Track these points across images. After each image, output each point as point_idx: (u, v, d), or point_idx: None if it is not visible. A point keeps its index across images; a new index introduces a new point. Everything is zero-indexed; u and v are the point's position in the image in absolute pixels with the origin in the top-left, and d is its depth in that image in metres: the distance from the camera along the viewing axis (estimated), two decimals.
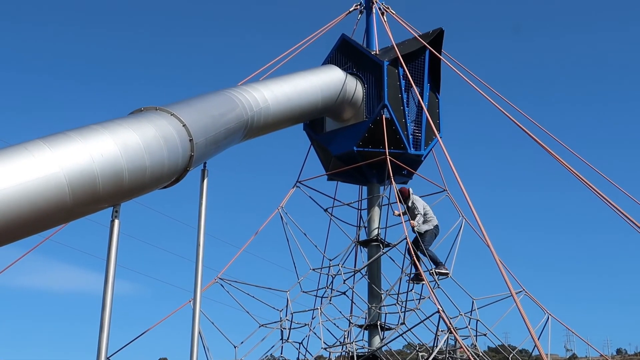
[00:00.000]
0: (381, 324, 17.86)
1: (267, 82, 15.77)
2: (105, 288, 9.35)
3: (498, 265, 13.72)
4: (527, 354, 25.71)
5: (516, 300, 12.96)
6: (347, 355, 17.11)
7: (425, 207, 18.14)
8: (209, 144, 11.73)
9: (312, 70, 17.94)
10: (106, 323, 9.24)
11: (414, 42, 19.52)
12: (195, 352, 11.10)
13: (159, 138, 10.16)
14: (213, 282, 17.83)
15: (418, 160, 19.14)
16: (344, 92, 18.13)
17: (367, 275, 18.30)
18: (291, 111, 16.02)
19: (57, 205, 8.47)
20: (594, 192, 16.70)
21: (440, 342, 14.93)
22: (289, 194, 19.27)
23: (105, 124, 9.64)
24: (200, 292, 11.45)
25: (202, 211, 11.70)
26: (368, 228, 18.85)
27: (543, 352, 13.09)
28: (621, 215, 16.02)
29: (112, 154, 9.24)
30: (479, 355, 17.22)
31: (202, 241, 11.56)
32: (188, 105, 11.81)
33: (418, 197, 18.35)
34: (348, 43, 19.41)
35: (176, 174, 10.80)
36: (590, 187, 16.74)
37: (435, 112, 19.83)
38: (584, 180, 16.89)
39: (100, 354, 9.14)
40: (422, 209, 17.97)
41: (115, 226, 9.60)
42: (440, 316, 14.61)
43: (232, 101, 13.39)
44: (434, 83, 19.92)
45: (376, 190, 19.07)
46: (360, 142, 18.41)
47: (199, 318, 11.29)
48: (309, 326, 17.89)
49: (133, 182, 9.58)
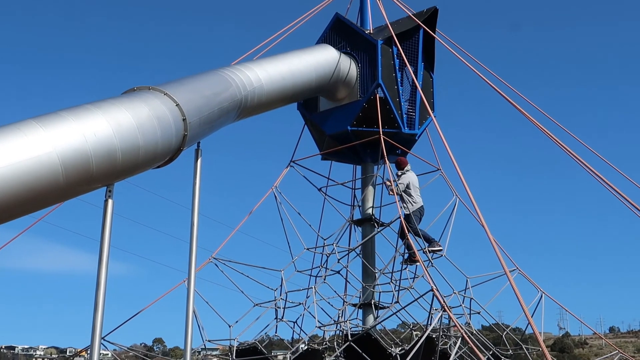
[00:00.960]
0: (375, 303, 17.92)
1: (261, 62, 15.71)
2: (100, 269, 9.33)
3: (492, 243, 13.74)
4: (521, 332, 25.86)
5: (510, 279, 12.99)
6: (341, 333, 17.17)
7: (411, 186, 17.83)
8: (202, 123, 11.69)
9: (306, 50, 17.87)
10: (100, 304, 9.23)
11: (408, 21, 19.44)
12: (190, 331, 11.11)
13: (152, 118, 10.11)
14: (207, 262, 17.84)
15: (412, 140, 19.13)
16: (338, 71, 18.07)
17: (362, 255, 18.33)
18: (285, 90, 15.97)
19: (50, 185, 8.44)
20: (589, 172, 16.73)
21: (434, 321, 14.97)
22: (283, 174, 19.26)
23: (98, 104, 9.59)
24: (195, 272, 11.44)
25: (195, 191, 11.67)
26: (362, 207, 18.86)
27: (536, 330, 13.16)
28: (616, 195, 16.06)
29: (105, 133, 9.19)
30: (472, 333, 17.30)
31: (196, 221, 11.55)
32: (181, 85, 11.76)
33: (410, 175, 18.08)
34: (342, 22, 19.32)
35: (169, 153, 10.77)
36: (585, 167, 16.77)
37: (430, 91, 19.80)
38: (579, 159, 16.92)
39: (94, 334, 9.14)
40: (403, 186, 17.73)
41: (109, 206, 9.56)
42: (434, 295, 14.64)
43: (226, 81, 13.34)
44: (428, 62, 19.86)
45: (370, 169, 19.06)
46: (354, 121, 18.39)
47: (193, 298, 11.30)
48: (304, 305, 17.95)
49: (126, 162, 9.55)
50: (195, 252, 11.51)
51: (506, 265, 13.67)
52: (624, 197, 15.91)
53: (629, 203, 15.83)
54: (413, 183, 17.86)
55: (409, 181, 17.79)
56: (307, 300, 17.88)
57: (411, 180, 17.86)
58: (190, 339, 11.11)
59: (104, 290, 9.31)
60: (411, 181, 17.84)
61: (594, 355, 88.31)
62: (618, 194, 16.02)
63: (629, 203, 15.83)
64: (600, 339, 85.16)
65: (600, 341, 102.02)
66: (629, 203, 15.83)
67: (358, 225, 19.03)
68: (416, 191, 17.85)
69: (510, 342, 19.33)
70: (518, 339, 19.64)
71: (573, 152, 17.06)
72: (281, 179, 19.15)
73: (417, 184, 18.00)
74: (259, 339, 18.03)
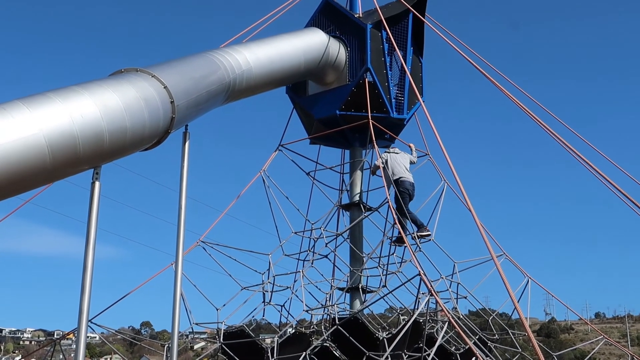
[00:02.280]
0: (362, 287, 17.97)
1: (250, 45, 15.64)
2: (87, 251, 9.29)
3: (479, 228, 13.78)
4: (507, 317, 25.99)
5: (496, 263, 13.04)
6: (328, 317, 17.21)
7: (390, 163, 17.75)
8: (190, 106, 11.64)
9: (295, 33, 17.80)
10: (87, 286, 9.20)
11: (397, 5, 19.38)
12: (178, 315, 11.11)
13: (139, 99, 10.06)
14: (195, 245, 17.82)
15: (400, 124, 19.13)
16: (327, 55, 18.02)
17: (349, 239, 18.36)
18: (273, 74, 15.93)
19: (36, 167, 8.39)
20: (576, 158, 16.77)
21: (421, 305, 15.02)
22: (271, 158, 19.23)
23: (85, 85, 9.52)
24: (182, 255, 11.43)
25: (183, 174, 11.64)
26: (350, 192, 18.88)
27: (522, 315, 13.22)
28: (603, 181, 16.11)
29: (92, 115, 9.13)
30: (459, 318, 17.37)
31: (184, 204, 11.52)
32: (169, 67, 11.70)
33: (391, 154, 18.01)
34: (331, 6, 19.25)
35: (157, 136, 10.72)
36: (572, 152, 16.80)
37: (418, 76, 19.78)
38: (566, 144, 16.96)
39: (81, 317, 9.11)
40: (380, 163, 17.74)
41: (96, 188, 9.52)
42: (421, 279, 14.67)
43: (214, 63, 13.28)
44: (417, 47, 19.83)
45: (358, 154, 19.06)
46: (343, 105, 18.37)
47: (180, 281, 11.29)
48: (291, 289, 17.99)
49: (114, 144, 9.50)
50: (183, 236, 11.50)
51: (493, 250, 13.70)
52: (610, 183, 15.97)
53: (615, 189, 15.89)
54: (394, 159, 17.81)
55: (386, 158, 17.79)
56: (294, 284, 17.93)
57: (390, 157, 17.85)
58: (177, 322, 11.11)
59: (91, 272, 9.27)
60: (390, 158, 17.83)
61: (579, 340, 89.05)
62: (605, 179, 16.07)
63: (616, 189, 15.89)
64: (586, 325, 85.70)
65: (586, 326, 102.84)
66: (615, 189, 15.89)
67: (346, 209, 19.05)
68: (400, 167, 17.75)
69: (496, 327, 19.43)
70: (504, 324, 19.75)
71: (560, 137, 17.10)
72: (269, 162, 19.14)
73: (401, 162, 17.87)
74: (247, 322, 18.05)
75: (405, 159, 18.04)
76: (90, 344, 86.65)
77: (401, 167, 17.80)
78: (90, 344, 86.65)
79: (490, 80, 17.57)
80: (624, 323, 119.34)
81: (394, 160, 17.85)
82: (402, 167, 17.80)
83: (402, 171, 17.74)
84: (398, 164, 17.84)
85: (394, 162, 17.83)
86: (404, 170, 17.78)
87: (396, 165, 17.79)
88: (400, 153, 18.17)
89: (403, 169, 17.78)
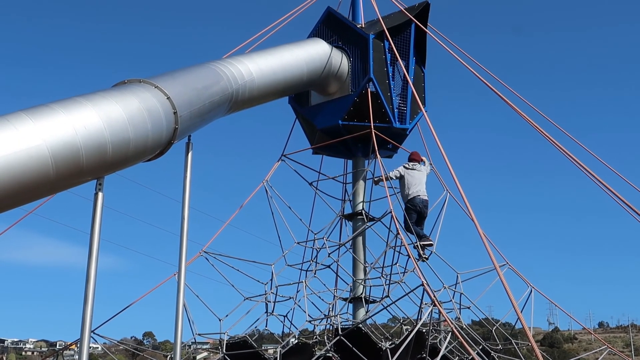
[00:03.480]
0: (365, 297, 17.93)
1: (252, 55, 15.67)
2: (89, 262, 9.31)
3: (482, 238, 13.76)
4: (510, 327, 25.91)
5: (499, 273, 13.01)
6: (331, 328, 17.18)
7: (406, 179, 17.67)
8: (193, 116, 11.66)
9: (298, 44, 17.84)
10: (90, 297, 9.21)
11: (399, 15, 19.43)
12: (180, 325, 11.11)
13: (142, 110, 10.08)
14: (198, 256, 17.81)
15: (403, 134, 19.13)
16: (330, 65, 18.05)
17: (352, 249, 18.33)
18: (276, 84, 15.95)
19: (40, 178, 8.41)
20: (579, 168, 16.73)
21: (424, 315, 14.99)
22: (274, 168, 19.24)
23: (88, 96, 9.55)
24: (185, 265, 11.43)
25: (186, 184, 11.66)
26: (353, 202, 18.86)
27: (526, 325, 13.20)
28: (606, 191, 16.09)
29: (95, 126, 9.16)
30: (462, 328, 17.33)
31: (187, 214, 11.54)
32: (172, 78, 11.72)
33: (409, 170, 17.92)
34: (333, 16, 19.30)
35: (160, 146, 10.74)
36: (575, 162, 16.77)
37: (421, 86, 19.79)
38: (570, 156, 16.94)
39: (84, 328, 9.12)
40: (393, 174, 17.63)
41: (99, 199, 9.54)
42: (424, 289, 14.66)
43: (217, 74, 13.31)
44: (419, 57, 19.86)
45: (361, 164, 19.06)
46: (346, 115, 18.38)
47: (183, 291, 11.29)
48: (294, 299, 17.95)
49: (117, 155, 9.52)
50: (186, 246, 11.51)
51: (496, 260, 13.67)
52: (613, 193, 15.95)
53: (618, 199, 15.87)
54: (412, 176, 17.73)
55: (403, 174, 17.69)
56: (297, 294, 17.89)
57: (408, 173, 17.75)
58: (180, 332, 11.11)
59: (94, 283, 9.29)
60: (407, 174, 17.74)
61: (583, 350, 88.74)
62: (608, 189, 16.05)
63: (619, 199, 15.87)
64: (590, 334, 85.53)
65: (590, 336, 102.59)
66: (618, 199, 15.87)
67: (349, 219, 19.03)
68: (416, 185, 17.64)
69: (499, 337, 19.38)
70: (508, 333, 19.69)
71: (563, 147, 17.10)
72: (272, 173, 19.14)
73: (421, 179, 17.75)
74: (249, 333, 18.01)
75: (424, 175, 17.86)
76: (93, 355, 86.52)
77: (419, 184, 17.58)
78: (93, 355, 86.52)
79: (493, 90, 17.57)
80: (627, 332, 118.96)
81: (412, 177, 17.65)
82: (418, 185, 17.57)
83: (418, 189, 17.56)
84: (416, 181, 17.63)
85: (412, 178, 17.63)
86: (420, 187, 17.61)
87: (413, 183, 17.59)
88: (422, 170, 17.90)
89: (419, 187, 17.58)
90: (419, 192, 17.55)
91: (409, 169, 17.81)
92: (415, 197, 17.48)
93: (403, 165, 17.91)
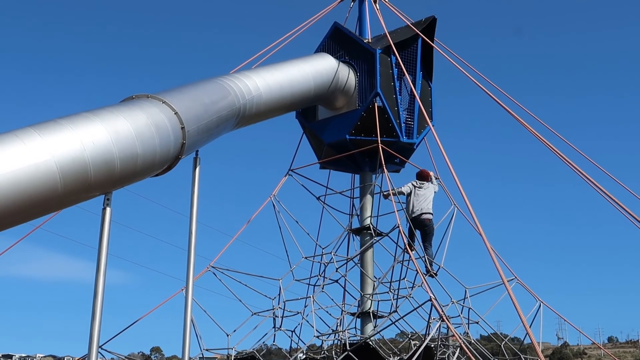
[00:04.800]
0: (373, 312, 17.88)
1: (260, 70, 15.71)
2: (97, 277, 9.31)
3: (490, 253, 13.72)
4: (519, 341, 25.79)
5: (508, 288, 12.97)
6: (339, 343, 17.13)
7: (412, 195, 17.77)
8: (200, 131, 11.69)
9: (305, 59, 17.88)
10: (98, 312, 9.21)
11: (406, 30, 19.47)
12: (188, 340, 11.09)
13: (150, 126, 10.11)
14: (205, 271, 17.80)
15: (410, 149, 19.13)
16: (337, 80, 18.08)
17: (360, 264, 18.30)
18: (283, 99, 15.98)
19: (48, 193, 8.43)
20: (588, 182, 16.69)
21: (433, 330, 14.93)
22: (281, 182, 19.25)
23: (96, 112, 9.59)
24: (193, 280, 11.43)
25: (194, 199, 11.68)
26: (360, 216, 18.84)
27: (534, 340, 13.14)
28: (615, 205, 16.04)
29: (103, 141, 9.18)
30: (471, 343, 17.25)
31: (195, 229, 11.54)
32: (180, 93, 11.76)
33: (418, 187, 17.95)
34: (340, 31, 19.35)
35: (168, 161, 10.76)
36: (584, 177, 16.73)
37: (428, 101, 19.81)
38: (578, 169, 16.90)
39: (92, 343, 9.11)
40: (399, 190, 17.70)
41: (106, 214, 9.56)
42: (432, 304, 14.61)
43: (224, 89, 13.35)
44: (426, 71, 19.89)
45: (368, 178, 19.05)
46: (353, 130, 18.40)
47: (191, 306, 11.28)
48: (302, 314, 17.91)
49: (124, 170, 9.54)
50: (194, 261, 11.51)
51: (504, 274, 13.63)
52: (622, 207, 15.90)
53: (627, 213, 15.81)
54: (418, 194, 17.72)
55: (409, 190, 17.74)
56: (305, 309, 17.85)
57: (415, 192, 17.77)
58: (188, 347, 11.09)
59: (102, 298, 9.29)
60: (414, 192, 17.76)
61: None
62: (617, 203, 16.00)
63: (627, 213, 15.81)
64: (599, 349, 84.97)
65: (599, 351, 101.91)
66: (627, 213, 15.81)
67: (356, 234, 19.01)
68: (420, 203, 17.66)
69: (508, 352, 19.27)
70: (516, 348, 19.58)
71: (571, 161, 17.06)
72: (279, 187, 19.15)
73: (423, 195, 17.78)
74: (257, 348, 17.97)
75: (431, 193, 17.87)
76: None
77: (423, 202, 17.61)
78: None
79: (500, 105, 17.60)
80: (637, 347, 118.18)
81: (417, 196, 17.68)
82: (422, 202, 17.61)
83: (421, 207, 17.57)
84: (420, 199, 17.66)
85: (417, 197, 17.65)
86: (424, 204, 17.61)
87: (417, 201, 17.63)
88: (429, 187, 17.91)
89: (423, 204, 17.59)
90: (421, 210, 17.60)
91: (417, 187, 17.86)
92: (419, 216, 17.55)
93: (412, 182, 17.93)
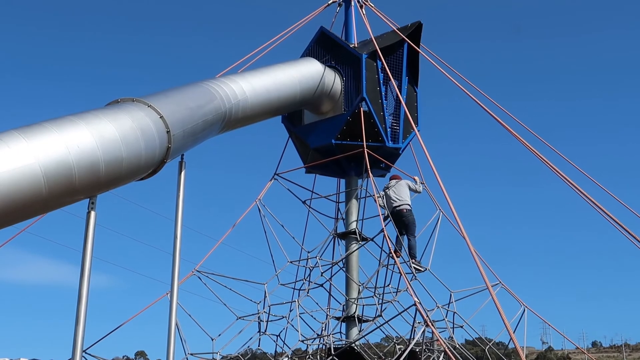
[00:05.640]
0: (358, 317, 17.90)
1: (246, 75, 15.72)
2: (81, 281, 9.29)
3: (474, 257, 13.77)
4: (504, 346, 25.89)
5: (492, 293, 13.01)
6: (324, 347, 17.14)
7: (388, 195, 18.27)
8: (186, 135, 11.68)
9: (291, 63, 17.90)
10: (82, 316, 9.19)
11: (392, 35, 19.53)
12: (172, 344, 11.07)
13: (135, 129, 10.10)
14: (190, 275, 17.77)
15: (396, 154, 19.19)
16: (323, 84, 18.11)
17: (345, 268, 18.32)
18: (269, 103, 15.99)
19: (32, 197, 8.41)
20: (572, 187, 16.81)
21: (417, 335, 14.97)
22: (267, 187, 19.25)
23: (81, 115, 9.57)
24: (178, 284, 11.42)
25: (179, 203, 11.67)
26: (346, 220, 18.87)
27: (518, 344, 13.19)
28: (599, 211, 16.14)
29: (88, 145, 9.17)
30: (455, 347, 17.31)
31: (180, 233, 11.53)
32: (165, 97, 11.75)
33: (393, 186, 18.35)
34: (326, 36, 19.38)
35: (153, 165, 10.75)
36: (567, 182, 16.85)
37: (414, 106, 19.86)
38: (561, 174, 16.99)
39: (76, 347, 9.09)
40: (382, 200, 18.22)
41: (91, 218, 9.54)
42: (417, 309, 14.65)
43: (210, 93, 13.35)
44: (412, 76, 19.94)
45: (354, 183, 19.09)
46: (339, 134, 18.43)
47: (176, 311, 11.27)
48: (287, 318, 17.90)
49: (109, 174, 9.53)
50: (179, 265, 11.49)
51: (489, 279, 13.69)
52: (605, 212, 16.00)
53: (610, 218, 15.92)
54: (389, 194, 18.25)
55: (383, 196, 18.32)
56: (290, 313, 17.85)
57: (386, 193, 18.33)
58: (172, 352, 11.07)
59: (86, 302, 9.27)
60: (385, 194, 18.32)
61: None
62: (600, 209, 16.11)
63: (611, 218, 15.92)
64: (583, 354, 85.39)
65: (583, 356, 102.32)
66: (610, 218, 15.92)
67: (342, 238, 19.03)
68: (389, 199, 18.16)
69: (493, 356, 19.34)
70: (501, 353, 19.68)
71: (554, 166, 17.14)
72: (265, 191, 19.15)
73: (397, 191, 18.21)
74: (242, 352, 17.96)
75: (401, 186, 18.21)
76: None
77: (395, 197, 18.11)
78: None
79: (485, 109, 17.66)
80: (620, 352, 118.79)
81: (390, 195, 18.22)
82: (396, 197, 18.11)
83: (396, 201, 18.10)
84: (393, 196, 18.18)
85: (390, 196, 18.21)
86: (397, 198, 18.04)
87: (391, 198, 18.18)
88: (399, 183, 18.38)
89: (397, 197, 18.06)
90: (394, 204, 18.08)
91: (386, 189, 18.39)
92: (394, 209, 18.01)
93: (382, 190, 18.31)
